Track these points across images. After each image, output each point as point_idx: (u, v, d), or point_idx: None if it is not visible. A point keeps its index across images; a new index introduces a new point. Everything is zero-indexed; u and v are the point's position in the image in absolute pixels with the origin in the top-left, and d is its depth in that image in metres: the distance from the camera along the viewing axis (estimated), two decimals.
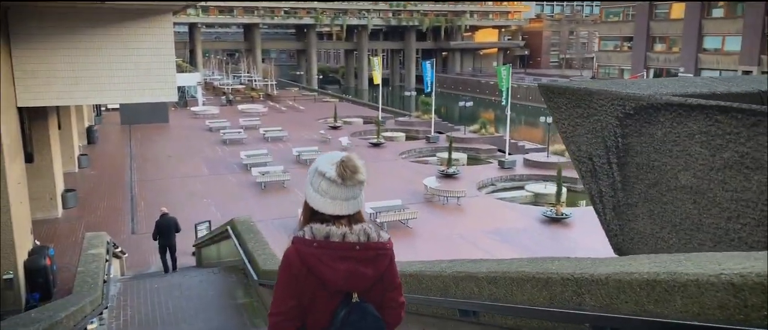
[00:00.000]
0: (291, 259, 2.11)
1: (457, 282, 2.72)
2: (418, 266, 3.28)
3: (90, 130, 35.45)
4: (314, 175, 2.17)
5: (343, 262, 2.09)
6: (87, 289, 6.53)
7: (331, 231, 2.10)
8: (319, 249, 2.08)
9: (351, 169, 2.11)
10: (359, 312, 2.11)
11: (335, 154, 2.21)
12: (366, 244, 2.13)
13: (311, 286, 2.09)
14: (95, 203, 22.68)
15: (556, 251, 17.77)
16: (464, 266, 2.82)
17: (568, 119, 4.62)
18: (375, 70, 43.41)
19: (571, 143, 4.76)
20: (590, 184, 4.74)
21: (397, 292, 2.29)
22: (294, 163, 30.06)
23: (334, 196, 2.12)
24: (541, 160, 29.72)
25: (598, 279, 1.84)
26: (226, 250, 12.27)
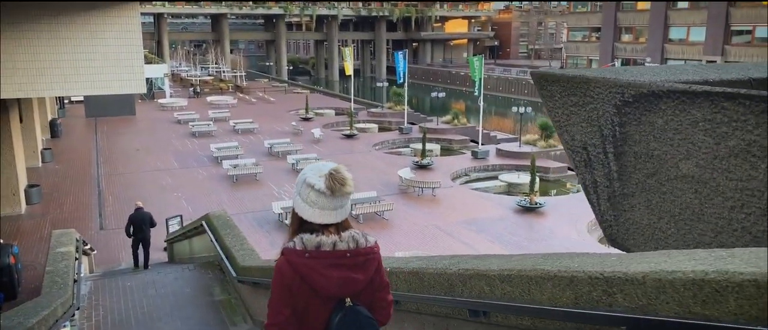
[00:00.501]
0: (283, 270, 2.16)
1: (465, 280, 2.58)
2: (418, 263, 3.13)
3: (53, 124, 34.38)
4: (303, 186, 2.20)
5: (336, 269, 2.15)
6: (57, 290, 6.22)
7: (321, 241, 2.15)
8: (311, 259, 2.13)
9: (340, 182, 2.14)
10: (353, 315, 2.18)
11: (324, 165, 2.22)
12: (356, 250, 2.20)
13: (304, 295, 2.15)
14: (61, 199, 21.99)
15: (533, 240, 17.89)
16: (470, 263, 2.68)
17: (561, 108, 4.51)
18: (347, 60, 43.04)
19: (564, 132, 4.66)
20: (584, 174, 4.64)
21: (385, 292, 2.36)
22: (266, 155, 29.65)
23: (323, 207, 2.16)
24: (513, 150, 29.90)
25: (633, 278, 1.71)
26: (199, 245, 11.96)
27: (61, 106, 43.74)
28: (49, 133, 33.61)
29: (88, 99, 41.65)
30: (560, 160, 28.93)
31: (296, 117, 42.74)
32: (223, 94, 57.01)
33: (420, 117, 43.07)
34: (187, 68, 77.60)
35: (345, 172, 2.18)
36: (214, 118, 40.54)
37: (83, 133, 36.63)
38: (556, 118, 4.64)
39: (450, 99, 52.73)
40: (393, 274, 3.28)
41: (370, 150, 32.18)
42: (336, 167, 2.19)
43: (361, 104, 50.19)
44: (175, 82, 67.05)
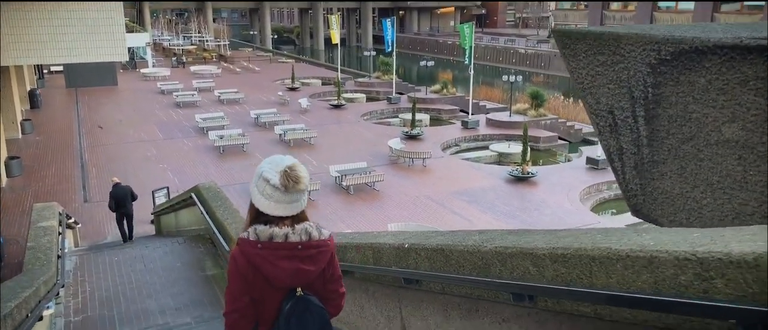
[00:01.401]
0: (238, 260, 2.23)
1: (504, 259, 2.28)
2: (442, 239, 2.82)
3: (33, 94, 33.47)
4: (259, 179, 2.25)
5: (287, 261, 2.20)
6: (39, 267, 5.85)
7: (274, 232, 2.21)
8: (263, 250, 2.19)
9: (294, 180, 2.19)
10: (303, 304, 2.26)
11: (281, 160, 2.26)
12: (307, 243, 2.25)
13: (259, 284, 2.22)
14: (42, 171, 21.41)
15: (526, 210, 17.74)
16: (508, 240, 2.37)
17: (586, 68, 4.17)
18: (333, 29, 42.21)
19: (588, 95, 4.33)
20: (608, 140, 4.33)
21: (337, 284, 2.43)
22: (252, 126, 29.12)
23: (279, 200, 2.21)
24: (503, 120, 29.63)
25: (739, 260, 1.40)
26: (187, 218, 11.59)
27: (40, 76, 42.62)
28: (28, 104, 32.74)
29: (69, 69, 40.66)
30: (550, 129, 28.73)
31: (282, 87, 42.04)
32: (206, 63, 55.90)
33: (408, 87, 42.55)
34: (169, 37, 75.91)
35: (300, 169, 2.22)
36: (198, 88, 39.73)
37: (64, 103, 35.73)
38: (579, 79, 4.30)
39: (437, 69, 52.13)
40: (413, 251, 2.97)
41: (359, 120, 31.74)
42: (292, 164, 2.23)
43: (348, 74, 49.49)
44: (157, 51, 65.62)
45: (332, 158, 23.01)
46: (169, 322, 6.46)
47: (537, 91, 31.02)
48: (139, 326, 6.40)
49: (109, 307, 6.84)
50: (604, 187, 20.84)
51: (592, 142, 28.35)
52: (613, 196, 20.85)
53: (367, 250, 3.48)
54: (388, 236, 3.42)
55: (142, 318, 6.63)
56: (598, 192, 20.55)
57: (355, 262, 3.68)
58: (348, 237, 3.96)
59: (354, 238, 3.81)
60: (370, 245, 3.45)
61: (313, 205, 18.03)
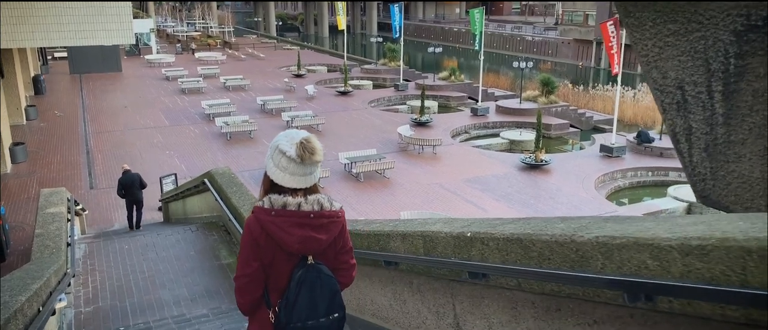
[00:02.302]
0: (252, 226, 2.32)
1: (610, 251, 1.91)
2: (516, 228, 2.46)
3: (37, 80, 33.12)
4: (275, 152, 2.32)
5: (299, 228, 2.30)
6: (49, 255, 5.52)
7: (287, 201, 2.30)
8: (277, 217, 2.28)
9: (309, 151, 2.26)
10: (314, 272, 2.34)
11: (296, 133, 2.34)
12: (319, 212, 2.34)
13: (271, 250, 2.31)
14: (48, 157, 21.10)
15: (540, 199, 17.37)
16: (608, 228, 2.00)
17: (653, 38, 3.76)
18: (339, 15, 41.69)
19: (653, 69, 3.92)
20: (674, 118, 3.93)
21: (348, 256, 2.53)
22: (259, 112, 28.76)
23: (293, 172, 2.30)
24: (513, 107, 29.18)
25: None
26: (198, 204, 11.26)
27: (43, 62, 42.26)
28: (32, 90, 32.42)
29: (73, 55, 40.31)
30: (561, 116, 28.29)
31: (288, 73, 41.60)
32: (211, 50, 55.41)
33: (415, 74, 42.08)
34: (173, 24, 75.44)
35: (315, 142, 2.29)
36: (204, 74, 39.33)
37: (68, 89, 35.37)
38: (644, 51, 3.89)
39: (443, 56, 51.55)
40: (478, 240, 2.61)
41: (366, 107, 31.33)
42: (307, 136, 2.30)
43: (354, 61, 48.97)
44: (161, 38, 65.14)
45: (341, 145, 22.65)
46: (185, 313, 6.13)
47: (548, 77, 30.52)
48: (152, 317, 6.08)
49: (120, 298, 6.52)
50: (619, 175, 20.45)
51: (603, 129, 27.92)
52: (628, 185, 20.47)
53: (417, 238, 3.13)
54: (440, 224, 3.06)
55: (156, 309, 6.31)
56: (613, 180, 20.16)
57: (400, 251, 3.33)
58: (390, 224, 3.61)
59: (398, 226, 3.46)
60: (420, 234, 3.09)
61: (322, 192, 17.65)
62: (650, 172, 20.85)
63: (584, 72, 54.92)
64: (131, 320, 6.03)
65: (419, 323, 3.45)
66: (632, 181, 20.63)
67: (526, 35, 66.60)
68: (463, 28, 78.00)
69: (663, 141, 22.62)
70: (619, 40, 21.25)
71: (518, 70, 33.85)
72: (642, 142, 22.21)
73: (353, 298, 4.39)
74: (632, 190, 20.44)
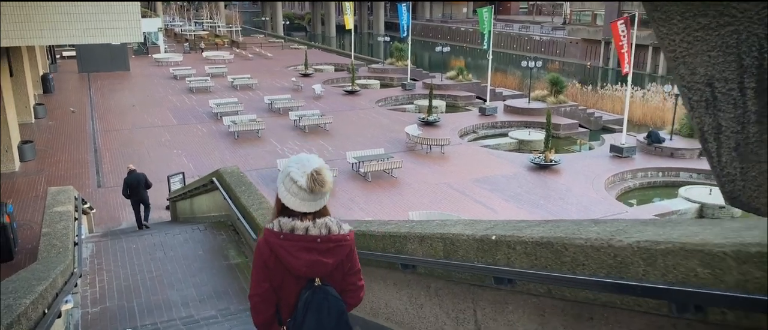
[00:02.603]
0: (262, 248, 2.40)
1: (653, 257, 1.78)
2: (543, 231, 2.33)
3: (45, 79, 33.19)
4: (286, 178, 2.37)
5: (306, 252, 2.35)
6: (55, 255, 5.43)
7: (295, 225, 2.36)
8: (285, 241, 2.35)
9: (319, 183, 2.32)
10: (321, 294, 2.41)
11: (308, 161, 2.37)
12: (327, 237, 2.39)
13: (280, 272, 2.38)
14: (56, 156, 21.10)
15: (550, 199, 17.20)
16: (652, 232, 1.87)
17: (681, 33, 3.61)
18: (347, 14, 41.59)
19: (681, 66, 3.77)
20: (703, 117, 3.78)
21: (356, 277, 2.57)
22: (266, 111, 28.69)
23: (303, 199, 2.36)
24: (522, 107, 28.98)
25: None
26: (206, 203, 11.17)
27: (52, 61, 42.36)
28: (41, 89, 32.49)
29: (81, 54, 40.42)
30: (570, 116, 28.08)
31: (295, 73, 41.54)
32: (219, 49, 55.45)
33: (422, 73, 41.92)
34: (181, 23, 75.58)
35: (326, 173, 2.34)
36: (211, 73, 39.32)
37: (77, 88, 35.43)
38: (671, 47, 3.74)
39: (450, 55, 51.33)
40: (504, 244, 2.48)
41: (373, 106, 31.22)
42: (318, 168, 2.34)
43: (361, 60, 48.86)
44: (169, 37, 65.26)
45: (348, 144, 22.55)
46: (193, 314, 6.03)
47: (556, 77, 30.30)
48: (160, 319, 5.98)
49: (128, 298, 6.42)
50: (629, 175, 20.24)
51: (612, 129, 27.70)
52: (638, 185, 20.26)
53: (436, 241, 3.01)
54: (460, 225, 2.94)
55: (164, 310, 6.21)
56: (623, 181, 19.96)
57: (418, 254, 3.21)
58: (407, 226, 3.48)
59: (415, 228, 3.34)
60: (439, 236, 2.97)
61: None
62: (661, 172, 20.63)
63: (592, 72, 54.61)
64: (139, 321, 5.94)
65: (437, 329, 3.32)
66: (642, 181, 20.42)
67: (534, 35, 66.29)
68: (470, 27, 77.75)
69: (674, 141, 22.40)
70: (630, 40, 21.03)
71: (526, 70, 33.65)
72: (652, 142, 21.99)
73: (367, 301, 4.27)
74: (642, 190, 20.23)
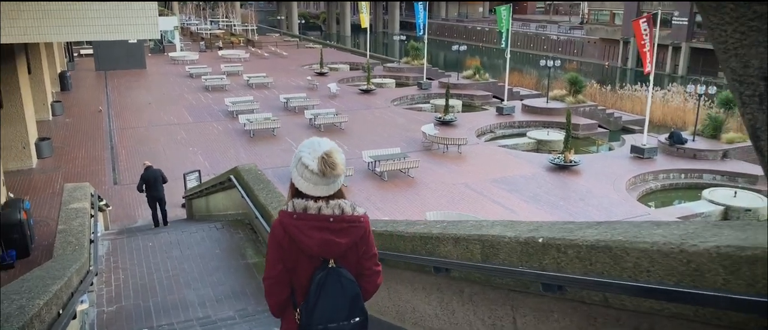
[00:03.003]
0: (276, 229, 2.40)
1: (737, 264, 1.58)
2: (597, 233, 2.12)
3: (63, 76, 33.40)
4: (298, 163, 2.38)
5: (319, 231, 2.35)
6: (71, 252, 5.31)
7: (308, 205, 2.36)
8: (298, 220, 2.35)
9: (330, 166, 2.31)
10: (335, 275, 2.37)
11: (319, 145, 2.38)
12: (340, 216, 2.38)
13: (294, 253, 2.37)
14: (73, 152, 21.17)
15: (570, 200, 16.90)
16: (731, 236, 1.66)
17: (734, 23, 3.40)
18: (363, 13, 41.44)
19: (732, 58, 3.55)
20: (755, 113, 3.54)
21: (372, 262, 2.53)
22: (282, 110, 28.61)
23: (316, 183, 2.36)
24: (540, 106, 28.63)
25: None
26: (223, 202, 11.05)
27: (70, 59, 42.71)
28: (58, 86, 32.69)
29: (98, 52, 40.68)
30: (589, 116, 27.68)
31: (310, 72, 41.47)
32: (234, 48, 55.58)
33: (438, 72, 41.65)
34: (197, 22, 75.92)
35: (336, 155, 2.34)
36: (227, 72, 39.39)
37: (94, 86, 35.64)
38: (721, 39, 3.52)
39: (466, 55, 50.92)
40: (553, 247, 2.28)
41: (389, 105, 31.03)
42: (328, 150, 2.33)
43: (376, 59, 48.68)
44: (185, 36, 65.57)
45: (364, 143, 22.40)
46: (210, 315, 5.88)
47: (576, 76, 29.89)
48: (177, 319, 5.84)
49: (144, 297, 6.29)
50: (650, 177, 19.86)
51: (631, 130, 27.27)
52: (660, 187, 19.87)
53: (473, 243, 2.80)
54: (500, 227, 2.73)
55: (181, 309, 6.07)
56: (644, 182, 19.58)
57: (452, 256, 3.01)
58: (439, 226, 3.29)
59: (448, 228, 3.14)
60: (477, 238, 2.77)
61: (345, 191, 17.31)
62: (683, 174, 20.21)
63: (610, 72, 53.96)
64: (155, 321, 5.80)
65: None
66: (664, 183, 20.01)
67: (551, 34, 65.68)
68: (486, 27, 77.28)
69: (696, 142, 21.95)
70: (652, 39, 20.63)
71: (543, 70, 33.24)
72: (674, 143, 21.56)
73: (393, 305, 4.08)
74: (664, 192, 19.83)
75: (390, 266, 3.77)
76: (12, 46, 17.53)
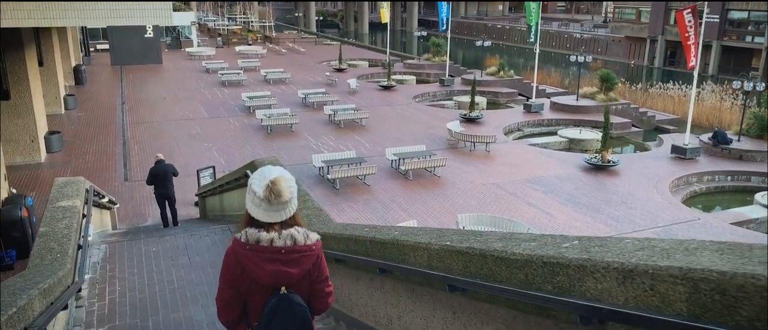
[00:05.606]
0: (229, 257, 2.50)
1: None
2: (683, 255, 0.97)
3: (77, 70, 32.73)
4: (249, 190, 2.46)
5: (270, 263, 2.42)
6: (51, 262, 4.28)
7: (260, 237, 2.42)
8: (250, 251, 2.42)
9: (275, 194, 2.39)
10: (287, 302, 2.47)
11: (269, 173, 2.45)
12: (291, 248, 2.45)
13: (246, 280, 2.47)
14: (83, 147, 20.31)
15: (611, 203, 15.64)
16: None
17: None
18: (383, 8, 40.36)
19: None
20: None
21: (324, 284, 2.64)
22: (300, 106, 27.61)
23: (266, 209, 2.43)
24: (569, 104, 27.29)
25: None
26: (239, 200, 9.99)
27: (86, 53, 42.18)
28: (72, 80, 32.04)
29: (114, 46, 40.11)
30: (622, 115, 26.30)
31: (328, 68, 40.48)
32: (252, 44, 54.79)
33: (459, 69, 40.42)
34: (214, 19, 75.41)
35: (282, 184, 2.41)
36: (244, 67, 38.53)
37: (108, 80, 34.93)
38: None
39: (486, 53, 49.50)
40: (596, 271, 1.13)
41: (410, 102, 29.89)
42: (275, 178, 2.41)
43: (396, 56, 47.56)
44: (202, 32, 64.96)
45: (385, 140, 21.31)
46: None
47: (607, 73, 28.50)
48: None
49: (142, 315, 5.23)
50: (694, 179, 18.51)
51: (665, 129, 25.86)
52: (705, 190, 18.51)
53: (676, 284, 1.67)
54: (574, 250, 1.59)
55: None
56: (688, 184, 18.23)
57: (620, 300, 1.85)
58: (577, 247, 2.13)
59: (597, 251, 1.99)
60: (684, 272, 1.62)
61: (368, 190, 16.34)
62: (729, 176, 18.82)
63: (636, 70, 52.25)
64: None
65: None
66: (709, 185, 18.65)
67: (574, 32, 64.05)
68: (507, 24, 75.79)
69: (741, 142, 20.54)
70: (697, 31, 19.26)
71: (566, 68, 31.85)
72: (718, 143, 20.17)
73: None
74: (710, 195, 18.47)
75: None
76: (20, 36, 16.71)
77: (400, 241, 3.43)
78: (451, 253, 2.79)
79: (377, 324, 4.30)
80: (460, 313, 2.95)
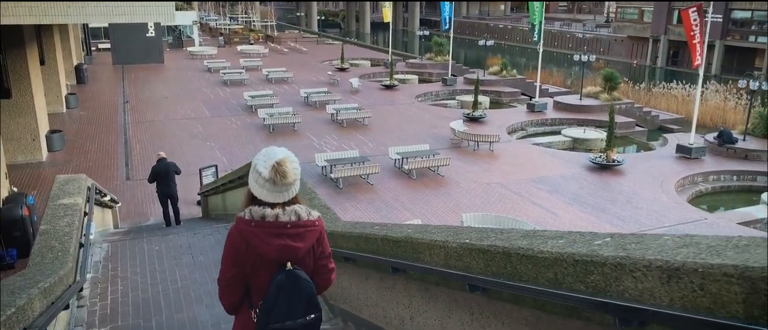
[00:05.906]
0: (233, 235, 2.47)
1: None
2: None
3: (79, 69, 32.65)
4: (253, 171, 2.46)
5: (276, 238, 2.42)
6: (52, 260, 4.17)
7: (266, 212, 2.43)
8: (256, 227, 2.42)
9: (281, 174, 2.39)
10: (293, 278, 2.46)
11: (274, 154, 2.45)
12: (296, 222, 2.46)
13: (250, 258, 2.46)
14: (85, 146, 20.21)
15: (617, 203, 15.50)
16: None
17: None
18: (386, 7, 40.24)
19: None
20: None
21: (327, 260, 2.66)
22: (302, 105, 27.49)
23: (270, 190, 2.43)
24: (573, 103, 27.15)
25: None
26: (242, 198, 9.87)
27: (87, 52, 42.10)
28: (74, 79, 31.97)
29: (116, 46, 40.03)
30: (626, 114, 26.16)
31: (331, 67, 40.36)
32: (253, 43, 54.71)
33: (462, 69, 40.28)
34: (216, 18, 75.38)
35: (288, 165, 2.41)
36: (246, 66, 38.42)
37: (110, 79, 34.85)
38: None
39: (488, 53, 49.41)
40: (636, 269, 1.01)
41: (413, 101, 29.77)
42: (281, 159, 2.41)
43: (398, 55, 47.44)
44: (203, 31, 64.90)
45: (388, 140, 21.19)
46: None
47: (611, 72, 28.36)
48: None
49: (145, 315, 5.11)
50: (700, 178, 18.37)
51: (669, 129, 25.73)
52: (711, 189, 18.37)
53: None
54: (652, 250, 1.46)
55: None
56: (693, 184, 18.09)
57: None
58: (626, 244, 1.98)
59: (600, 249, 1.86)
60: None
61: (372, 190, 16.22)
62: (735, 176, 18.68)
63: (639, 70, 52.08)
64: None
65: None
66: (715, 185, 18.50)
67: (576, 32, 63.89)
68: (509, 24, 75.65)
69: (747, 142, 20.40)
70: (703, 30, 19.11)
71: (569, 68, 31.72)
72: (724, 142, 20.02)
73: None
74: (716, 195, 18.33)
75: None
76: (22, 34, 16.62)
77: (415, 239, 3.31)
78: (470, 251, 2.67)
79: (387, 325, 4.17)
80: (479, 314, 2.83)
